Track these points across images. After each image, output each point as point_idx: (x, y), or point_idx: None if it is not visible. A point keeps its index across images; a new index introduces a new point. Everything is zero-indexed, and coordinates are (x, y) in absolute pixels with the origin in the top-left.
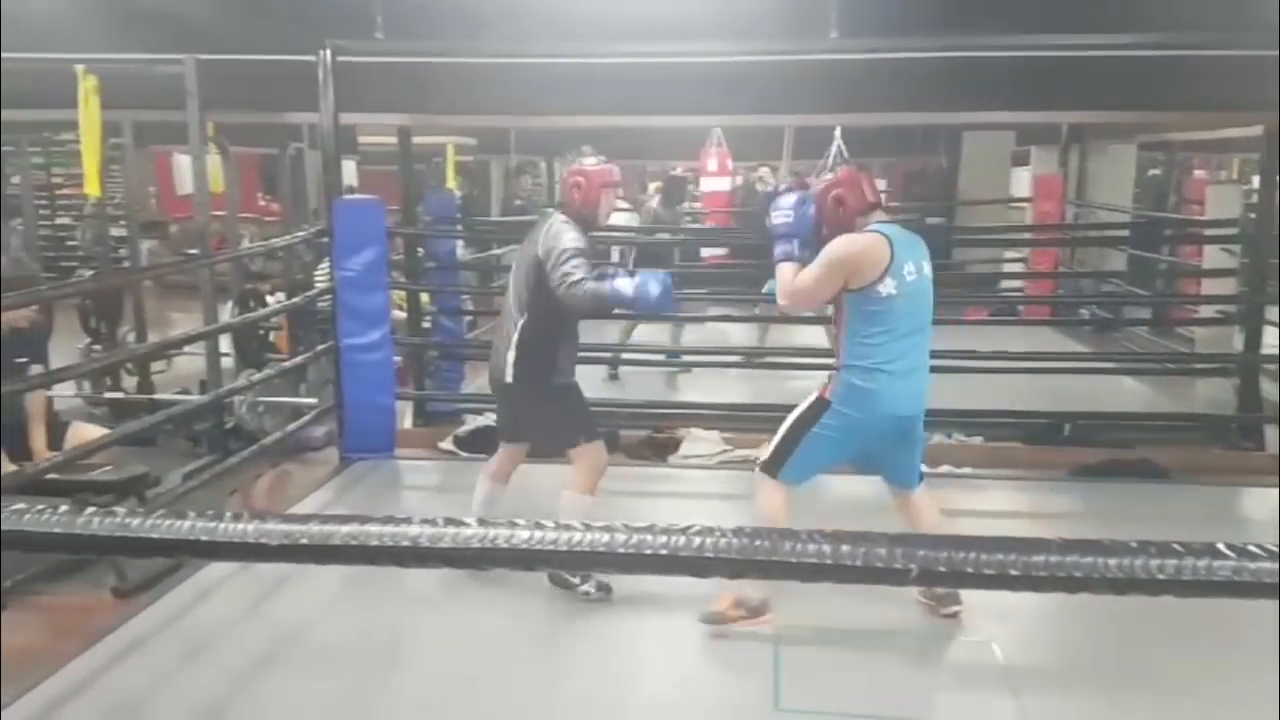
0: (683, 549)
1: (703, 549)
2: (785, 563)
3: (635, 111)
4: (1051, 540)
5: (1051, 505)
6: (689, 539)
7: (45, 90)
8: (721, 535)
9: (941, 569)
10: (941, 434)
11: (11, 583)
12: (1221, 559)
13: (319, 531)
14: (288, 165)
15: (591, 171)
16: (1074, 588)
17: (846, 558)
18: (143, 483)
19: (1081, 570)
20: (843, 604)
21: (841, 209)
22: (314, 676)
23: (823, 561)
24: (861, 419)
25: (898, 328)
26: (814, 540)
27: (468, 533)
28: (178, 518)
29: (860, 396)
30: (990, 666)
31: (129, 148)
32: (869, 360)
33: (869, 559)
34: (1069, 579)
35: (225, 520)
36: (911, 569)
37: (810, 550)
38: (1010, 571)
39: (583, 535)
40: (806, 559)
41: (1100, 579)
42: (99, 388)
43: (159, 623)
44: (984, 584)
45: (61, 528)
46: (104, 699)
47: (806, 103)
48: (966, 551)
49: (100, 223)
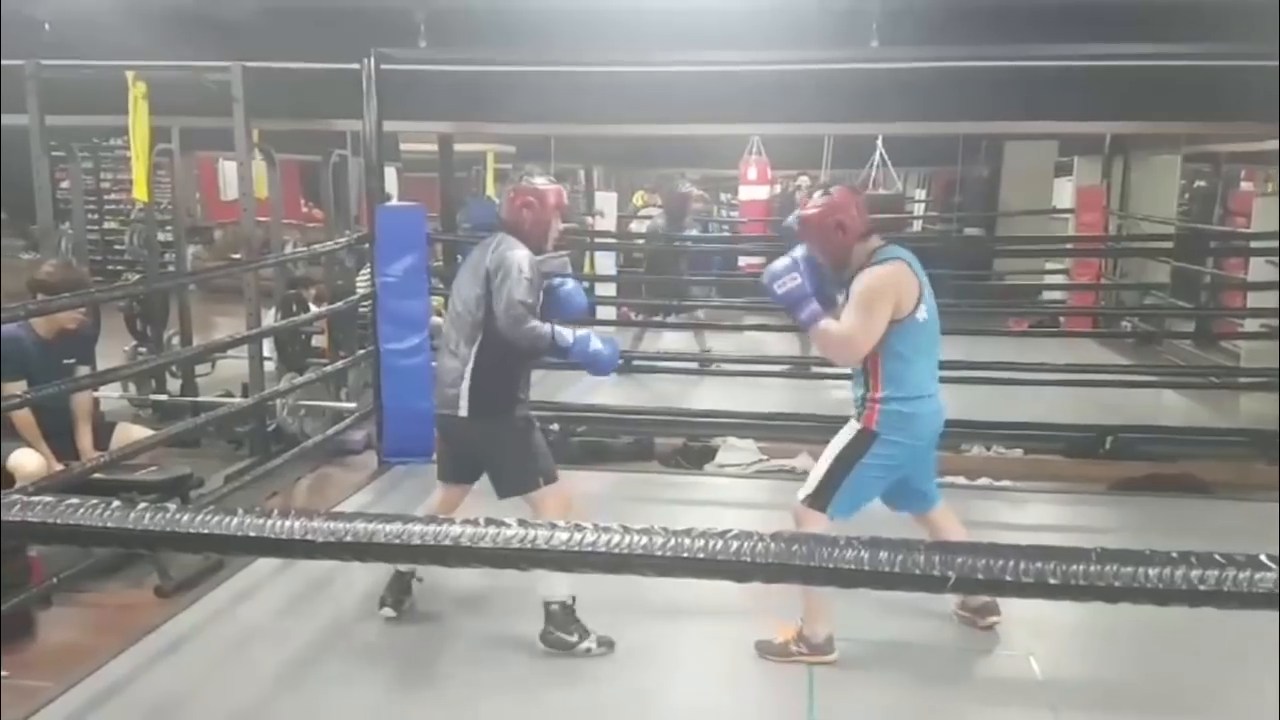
0: (720, 553)
1: (740, 553)
2: (822, 568)
3: (674, 120)
4: (1090, 550)
5: (1091, 519)
6: (727, 543)
7: (95, 96)
8: (760, 540)
9: (979, 577)
10: (981, 446)
11: (57, 579)
12: (1263, 570)
13: (363, 529)
14: (330, 172)
15: (544, 192)
16: (1113, 597)
17: (884, 564)
18: (186, 483)
19: (1121, 580)
20: (879, 617)
21: (844, 234)
22: (354, 677)
23: (860, 568)
24: (911, 445)
25: (931, 351)
26: (852, 547)
27: (508, 533)
28: (227, 514)
29: (907, 422)
30: (1028, 681)
31: (176, 154)
32: (911, 387)
33: (907, 565)
34: (1108, 589)
35: (273, 517)
36: (950, 576)
37: (848, 556)
38: (1049, 580)
39: (622, 538)
40: (844, 565)
41: (1140, 589)
42: (144, 390)
43: (200, 622)
44: (1022, 592)
45: (115, 523)
46: (146, 696)
47: (847, 111)
48: (1005, 560)
49: (147, 228)
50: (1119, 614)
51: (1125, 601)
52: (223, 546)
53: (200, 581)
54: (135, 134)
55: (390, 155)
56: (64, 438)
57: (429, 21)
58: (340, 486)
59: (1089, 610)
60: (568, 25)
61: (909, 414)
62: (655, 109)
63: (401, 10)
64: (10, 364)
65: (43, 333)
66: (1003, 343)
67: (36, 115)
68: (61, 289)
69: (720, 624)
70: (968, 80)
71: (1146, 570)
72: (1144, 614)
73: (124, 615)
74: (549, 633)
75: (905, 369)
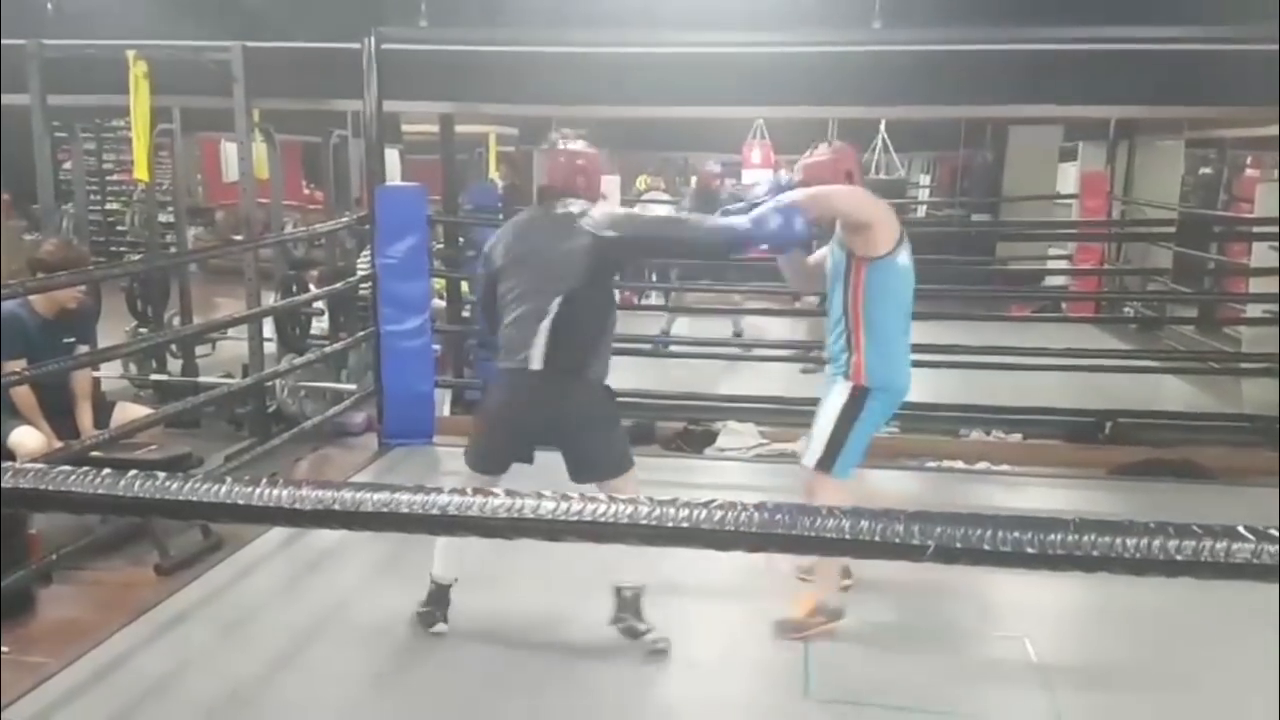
0: (704, 522)
1: (724, 522)
2: (804, 537)
3: (677, 102)
4: (1069, 519)
5: (1090, 504)
6: (710, 512)
7: (96, 75)
8: (743, 509)
9: (958, 545)
10: (980, 430)
11: (57, 556)
12: (1241, 541)
13: (351, 498)
14: (331, 153)
15: (594, 154)
16: (1091, 567)
17: (865, 533)
18: (186, 463)
19: (1099, 550)
20: (873, 596)
21: (851, 184)
22: (352, 654)
23: (841, 536)
24: (892, 394)
25: (907, 304)
26: (833, 515)
27: (495, 503)
28: (216, 483)
29: (889, 371)
30: (1023, 662)
31: (177, 134)
32: (888, 336)
33: (887, 535)
34: (1086, 558)
35: (261, 486)
36: (929, 545)
37: (829, 525)
38: (1027, 550)
39: (607, 508)
40: (825, 533)
41: (1117, 559)
42: (145, 370)
43: (200, 599)
44: (1000, 561)
45: (105, 489)
46: (146, 672)
47: (850, 95)
48: (984, 529)
49: (148, 208)
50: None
51: (1103, 571)
52: (213, 514)
53: (199, 560)
54: (136, 114)
55: (392, 137)
56: (64, 416)
57: (429, 1)
58: (340, 467)
59: (1083, 593)
60: (571, 6)
61: (891, 363)
62: (658, 91)
63: None
64: (10, 341)
65: (43, 311)
66: (1004, 328)
67: (38, 94)
68: (62, 267)
69: (712, 597)
70: (971, 63)
71: (1124, 540)
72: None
73: (124, 592)
74: (622, 618)
75: (885, 318)
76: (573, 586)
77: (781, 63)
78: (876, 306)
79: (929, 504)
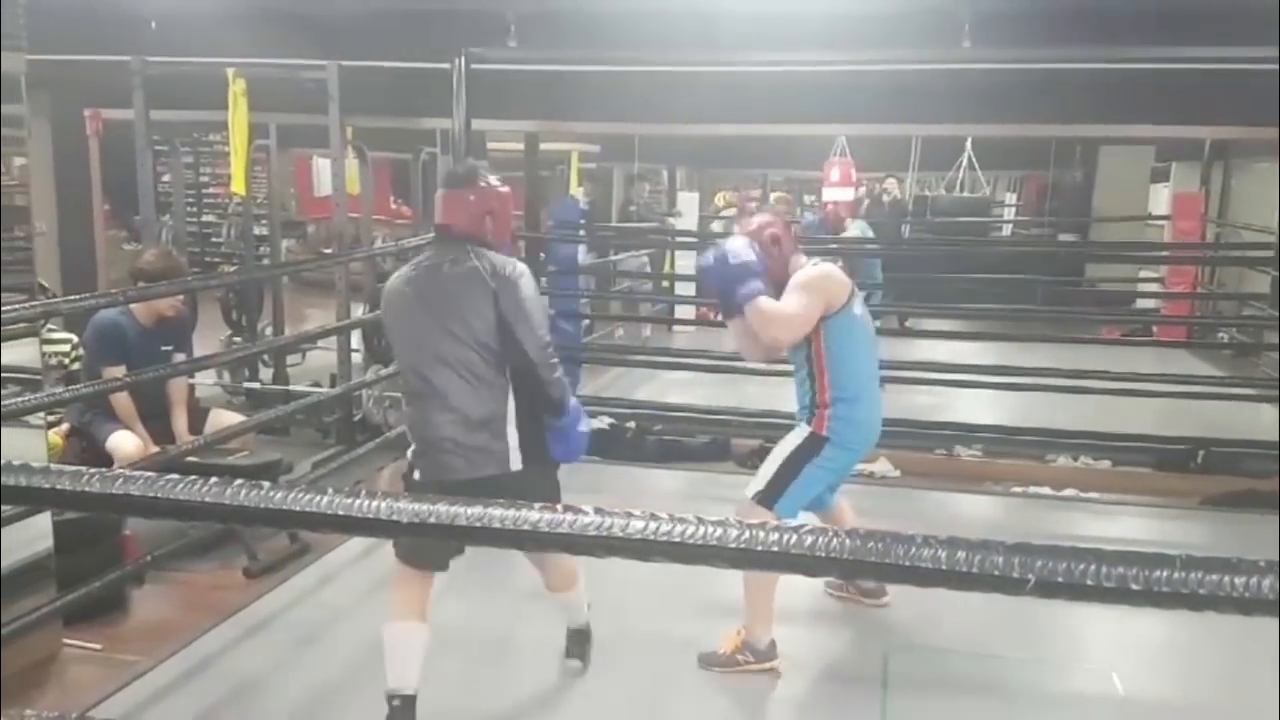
0: (794, 547)
1: (815, 548)
2: (899, 566)
3: (759, 119)
4: (1174, 555)
5: (1181, 535)
6: (800, 538)
7: (196, 92)
8: (835, 535)
9: (1060, 580)
10: (1067, 456)
11: (150, 558)
12: None
13: (446, 512)
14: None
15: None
16: (1198, 605)
17: (962, 564)
18: (277, 469)
19: (1206, 588)
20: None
21: (779, 248)
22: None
23: (938, 566)
24: (856, 451)
25: (869, 350)
26: (929, 545)
27: (585, 520)
28: (317, 493)
29: (855, 428)
30: (1109, 697)
31: (273, 150)
32: (854, 387)
33: (985, 566)
34: (1192, 596)
35: (360, 497)
36: (1029, 579)
37: (925, 555)
38: (1131, 586)
39: (697, 529)
40: (920, 563)
41: (1225, 598)
42: (238, 378)
43: (287, 603)
44: (1104, 598)
45: (212, 498)
46: (233, 672)
47: (935, 112)
48: (1086, 563)
49: (244, 221)
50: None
51: (1210, 610)
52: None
53: (286, 564)
54: (234, 129)
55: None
56: (160, 421)
57: (518, 22)
58: None
59: (1173, 627)
60: (654, 26)
61: (857, 419)
62: (739, 109)
63: (492, 12)
64: (110, 348)
65: (142, 319)
66: (1093, 350)
67: (141, 110)
68: (161, 277)
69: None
70: (1060, 82)
71: (1233, 579)
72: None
73: (213, 595)
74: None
75: (849, 368)
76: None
77: (867, 80)
78: (841, 361)
79: (1014, 531)
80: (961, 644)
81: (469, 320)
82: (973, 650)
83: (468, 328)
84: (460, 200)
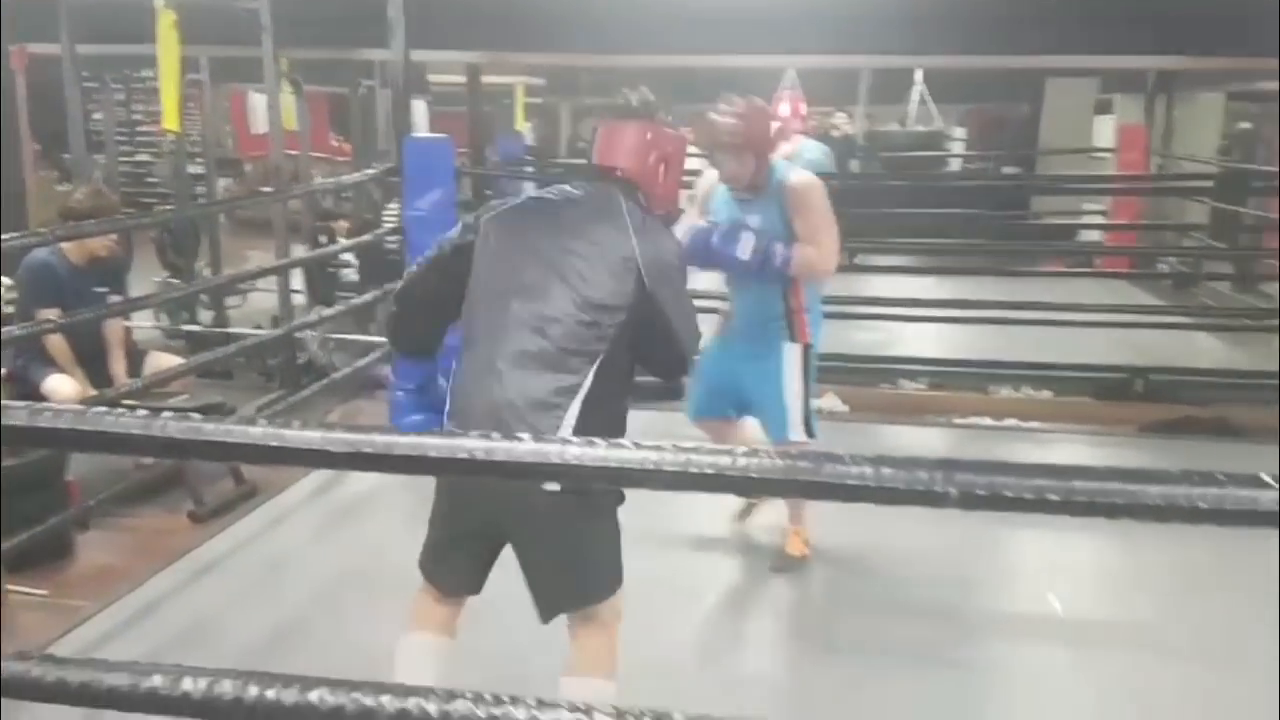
0: (728, 469)
1: (748, 469)
2: (827, 483)
3: (706, 51)
4: (1093, 466)
5: (1120, 461)
6: (735, 459)
7: (125, 25)
8: (767, 456)
9: (981, 492)
10: (1009, 387)
11: (94, 503)
12: (1267, 489)
13: (382, 441)
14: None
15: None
16: (1114, 514)
17: (889, 480)
18: (218, 412)
19: (1123, 497)
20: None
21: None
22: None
23: (864, 483)
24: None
25: None
26: (857, 463)
27: (521, 448)
28: (249, 424)
29: (820, 326)
30: (1048, 618)
31: (206, 85)
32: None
33: (911, 482)
34: (1109, 505)
35: (293, 428)
36: (951, 492)
37: (853, 472)
38: (1049, 496)
39: (632, 453)
40: (848, 480)
41: (1141, 505)
42: (176, 320)
43: (234, 546)
44: (1024, 508)
45: (140, 429)
46: (180, 616)
47: (883, 43)
48: (1007, 476)
49: (177, 158)
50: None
51: (1126, 518)
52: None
53: (233, 508)
54: (164, 63)
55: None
56: (97, 364)
57: None
58: (370, 418)
59: (1111, 552)
60: None
61: (819, 318)
62: (688, 40)
63: None
64: (43, 289)
65: (75, 259)
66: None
67: (67, 44)
68: (93, 215)
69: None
70: (1008, 12)
71: (1148, 488)
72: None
73: (159, 539)
74: None
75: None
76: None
77: (814, 9)
78: None
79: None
80: (901, 573)
81: (587, 276)
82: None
83: (583, 283)
84: (633, 137)
